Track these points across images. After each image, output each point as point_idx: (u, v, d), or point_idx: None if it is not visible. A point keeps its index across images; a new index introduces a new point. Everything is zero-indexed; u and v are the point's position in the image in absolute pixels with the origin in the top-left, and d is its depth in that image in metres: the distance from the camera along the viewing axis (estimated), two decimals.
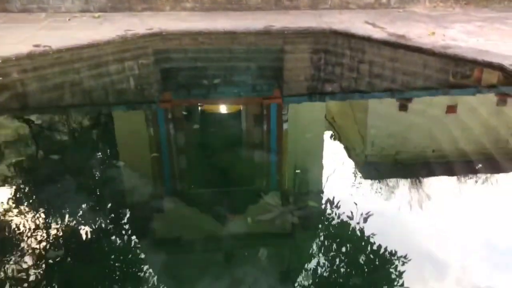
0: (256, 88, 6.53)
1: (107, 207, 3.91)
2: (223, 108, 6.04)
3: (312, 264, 3.19)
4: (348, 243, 3.39)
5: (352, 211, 3.63)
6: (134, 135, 5.21)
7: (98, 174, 4.43)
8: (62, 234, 3.49)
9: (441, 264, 3.00)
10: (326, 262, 3.20)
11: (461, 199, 3.81)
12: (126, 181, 4.33)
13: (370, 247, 3.24)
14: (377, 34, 7.92)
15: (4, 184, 4.19)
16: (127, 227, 3.64)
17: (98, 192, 4.16)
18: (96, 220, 3.66)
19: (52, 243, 3.38)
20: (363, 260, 3.15)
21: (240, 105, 5.95)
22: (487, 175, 4.11)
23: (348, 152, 4.85)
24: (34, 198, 4.00)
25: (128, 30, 8.13)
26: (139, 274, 3.16)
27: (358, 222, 3.50)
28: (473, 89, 6.31)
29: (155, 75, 6.94)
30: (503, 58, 6.36)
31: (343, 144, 5.14)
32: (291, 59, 7.76)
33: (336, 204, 3.77)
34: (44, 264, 3.16)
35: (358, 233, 3.41)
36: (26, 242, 3.38)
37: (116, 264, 3.26)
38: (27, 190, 4.15)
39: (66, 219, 3.65)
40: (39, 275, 3.05)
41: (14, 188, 4.12)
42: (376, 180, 4.18)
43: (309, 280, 3.04)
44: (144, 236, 3.58)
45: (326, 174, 4.31)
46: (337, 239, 3.44)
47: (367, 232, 3.39)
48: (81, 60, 7.12)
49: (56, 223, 3.63)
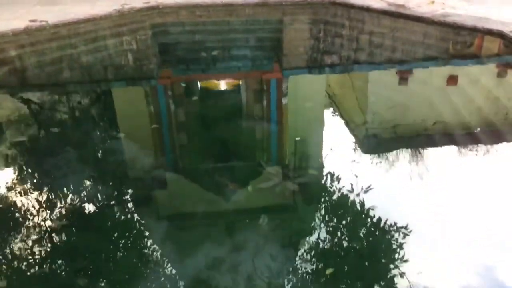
0: (256, 62, 6.47)
1: (109, 177, 3.95)
2: (222, 83, 6.01)
3: (311, 231, 3.22)
4: (347, 214, 3.40)
5: (351, 183, 3.64)
6: (134, 111, 5.21)
7: (98, 146, 4.46)
8: (65, 204, 3.53)
9: (440, 236, 3.01)
10: (325, 231, 3.22)
11: (461, 171, 3.80)
12: (127, 153, 4.36)
13: (369, 218, 3.25)
14: (376, 4, 7.84)
15: (5, 156, 4.22)
16: (130, 197, 3.68)
17: (100, 163, 4.19)
18: (100, 191, 3.70)
19: (55, 213, 3.42)
20: (362, 231, 3.16)
21: (240, 80, 5.92)
22: (488, 146, 4.11)
23: (348, 124, 4.85)
24: (36, 170, 4.02)
25: (125, 4, 8.03)
26: (142, 244, 3.20)
27: (358, 193, 3.50)
28: (473, 59, 6.26)
29: (153, 49, 6.89)
30: (503, 25, 6.32)
31: (343, 116, 5.14)
32: (289, 31, 7.70)
33: (336, 175, 3.77)
34: (47, 233, 3.20)
35: (358, 204, 3.42)
36: (30, 212, 3.43)
37: (119, 234, 3.30)
38: (29, 163, 4.18)
39: (69, 190, 3.69)
40: (42, 244, 3.10)
41: (15, 161, 4.15)
42: (376, 152, 4.18)
43: (308, 247, 3.06)
44: (146, 206, 3.62)
45: (326, 145, 4.32)
46: (336, 210, 3.46)
47: (366, 203, 3.40)
48: (78, 35, 7.07)
49: (59, 195, 3.66)
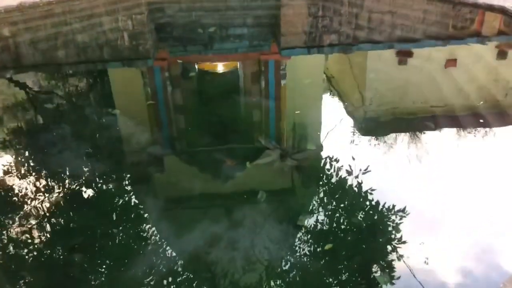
0: (253, 42, 6.34)
1: (105, 156, 3.90)
2: (220, 65, 5.90)
3: (308, 211, 3.16)
4: (345, 195, 3.32)
5: (350, 164, 3.57)
6: (130, 91, 5.09)
7: (93, 125, 4.38)
8: (61, 182, 3.48)
9: (439, 218, 2.96)
10: (323, 213, 3.16)
11: (460, 153, 3.73)
12: (123, 130, 4.30)
13: (367, 200, 3.19)
14: None
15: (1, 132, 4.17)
16: (127, 175, 3.64)
17: (96, 142, 4.12)
18: (96, 169, 3.64)
19: (52, 190, 3.38)
20: (360, 212, 3.10)
21: (238, 61, 5.81)
22: (488, 128, 4.04)
23: (346, 105, 4.77)
24: (34, 151, 3.94)
25: None
26: (139, 222, 3.15)
27: (356, 175, 3.43)
28: (474, 38, 6.13)
29: (148, 28, 6.76)
30: (504, 0, 6.22)
31: (341, 97, 5.06)
32: (287, 9, 7.55)
33: (334, 156, 3.69)
34: (43, 211, 3.16)
35: (356, 185, 3.35)
36: (27, 190, 3.39)
37: (117, 211, 3.25)
38: (25, 145, 4.12)
39: (68, 169, 3.64)
40: (38, 222, 3.06)
41: (11, 138, 4.10)
42: (374, 134, 4.11)
43: (306, 225, 3.01)
44: (143, 183, 3.57)
45: (325, 127, 4.24)
46: (334, 191, 3.39)
47: (364, 184, 3.33)
48: (72, 11, 6.94)
49: (56, 173, 3.62)
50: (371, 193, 3.25)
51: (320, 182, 3.51)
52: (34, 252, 2.81)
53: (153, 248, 2.87)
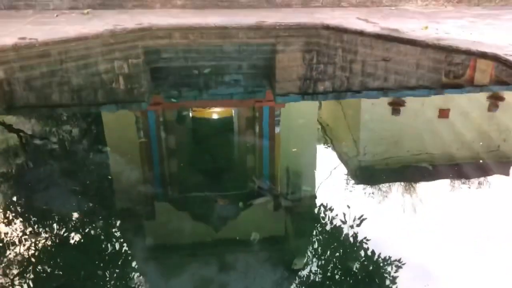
0: (248, 89, 6.30)
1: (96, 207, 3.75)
2: (214, 112, 5.82)
3: (303, 252, 3.04)
4: (339, 245, 3.19)
5: (344, 213, 3.42)
6: (124, 135, 4.94)
7: (85, 165, 4.27)
8: (46, 220, 3.34)
9: (434, 269, 2.83)
10: (316, 263, 3.01)
11: (454, 203, 3.63)
12: (114, 170, 4.16)
13: (362, 251, 3.04)
14: (370, 28, 7.84)
15: None
16: (121, 224, 3.47)
17: (87, 188, 3.99)
18: (92, 218, 3.50)
19: (36, 229, 3.23)
20: (355, 262, 2.95)
21: (232, 108, 5.75)
22: (480, 179, 3.98)
23: (340, 155, 4.66)
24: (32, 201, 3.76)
25: (117, 25, 7.98)
26: (125, 262, 2.99)
27: (351, 225, 3.28)
28: (468, 87, 6.10)
29: (143, 72, 6.68)
30: (497, 48, 6.29)
31: (335, 147, 4.97)
32: (283, 57, 7.60)
33: (328, 206, 3.53)
34: (27, 250, 3.01)
35: (350, 235, 3.19)
36: (11, 227, 3.23)
37: (103, 252, 3.09)
38: (13, 177, 3.98)
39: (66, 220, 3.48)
40: (24, 261, 2.90)
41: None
42: (369, 184, 4.00)
43: (300, 268, 2.86)
44: (136, 226, 3.42)
45: (319, 176, 4.12)
46: (328, 241, 3.24)
47: (359, 234, 3.18)
48: (67, 52, 6.95)
49: (40, 212, 3.49)
50: (366, 241, 3.10)
51: (315, 224, 3.37)
52: None
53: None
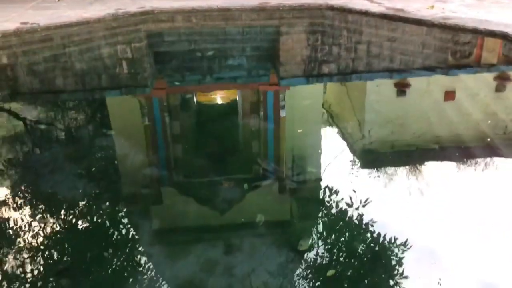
0: (252, 72, 6.23)
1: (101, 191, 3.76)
2: (218, 97, 5.78)
3: (309, 234, 3.04)
4: (345, 229, 3.16)
5: (349, 188, 3.44)
6: (128, 121, 4.95)
7: (91, 149, 4.27)
8: (52, 203, 3.35)
9: (439, 252, 2.81)
10: (323, 236, 3.04)
11: (460, 186, 3.60)
12: (120, 152, 4.16)
13: (368, 233, 3.03)
14: (375, 8, 7.72)
15: None
16: (126, 206, 3.46)
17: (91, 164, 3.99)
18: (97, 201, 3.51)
19: (42, 212, 3.25)
20: (360, 245, 2.94)
21: (236, 92, 5.70)
22: (486, 160, 3.94)
23: (345, 137, 4.63)
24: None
25: (119, 8, 7.90)
26: (131, 244, 3.00)
27: (356, 207, 3.26)
28: (476, 68, 6.00)
29: (146, 56, 6.62)
30: (505, 26, 6.18)
31: (340, 129, 4.92)
32: (287, 39, 7.49)
33: (333, 189, 3.51)
34: (33, 233, 3.02)
35: (355, 218, 3.17)
36: (16, 211, 3.25)
37: (108, 234, 3.10)
38: (18, 161, 3.99)
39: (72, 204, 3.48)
40: (29, 244, 2.92)
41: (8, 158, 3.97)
42: (374, 166, 3.96)
43: (306, 250, 2.86)
44: (141, 206, 3.43)
45: (324, 160, 4.09)
46: (334, 215, 3.24)
47: (364, 217, 3.16)
48: (69, 37, 6.90)
49: (46, 195, 3.51)
50: (372, 223, 3.09)
51: (320, 206, 3.37)
52: (22, 274, 2.66)
53: (143, 273, 2.70)
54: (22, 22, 6.88)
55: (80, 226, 3.11)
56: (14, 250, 2.85)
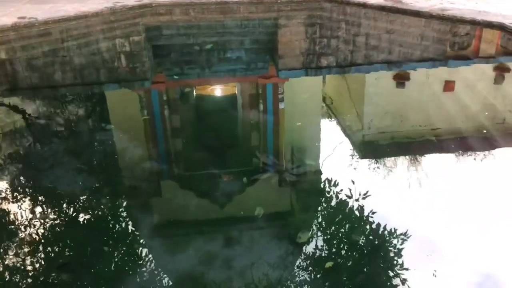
0: (251, 65, 6.24)
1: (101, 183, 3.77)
2: (218, 90, 5.77)
3: (307, 226, 3.06)
4: (345, 221, 3.19)
5: (348, 179, 3.47)
6: (127, 115, 4.94)
7: (89, 143, 4.27)
8: (52, 197, 3.37)
9: (438, 243, 2.84)
10: (322, 228, 3.07)
11: (459, 176, 3.62)
12: (119, 146, 4.18)
13: (367, 225, 3.06)
14: (372, 0, 7.70)
15: None
16: (126, 197, 3.50)
17: (91, 158, 4.01)
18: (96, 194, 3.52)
19: (41, 206, 3.28)
20: (360, 236, 2.97)
21: (235, 85, 5.70)
22: (485, 151, 3.97)
23: (345, 129, 4.65)
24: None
25: (117, 2, 7.88)
26: (131, 238, 3.03)
27: (356, 199, 3.29)
28: (475, 59, 6.00)
29: (145, 49, 6.62)
30: (503, 17, 6.18)
31: (340, 121, 4.94)
32: (285, 31, 7.48)
33: (333, 181, 3.55)
34: (34, 227, 3.05)
35: (355, 209, 3.20)
36: (16, 204, 3.28)
37: (109, 228, 3.13)
38: (18, 155, 4.01)
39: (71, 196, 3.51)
40: (30, 237, 2.95)
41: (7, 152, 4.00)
42: (373, 158, 4.00)
43: (304, 242, 2.89)
44: (138, 198, 3.45)
45: (323, 146, 4.15)
46: (333, 208, 3.28)
47: (364, 208, 3.19)
48: (67, 31, 6.88)
49: (46, 189, 3.52)
50: (371, 215, 3.12)
51: (319, 198, 3.38)
52: (22, 268, 2.69)
53: (143, 266, 2.73)
54: (20, 17, 6.86)
55: (80, 220, 3.13)
56: (15, 245, 2.87)
